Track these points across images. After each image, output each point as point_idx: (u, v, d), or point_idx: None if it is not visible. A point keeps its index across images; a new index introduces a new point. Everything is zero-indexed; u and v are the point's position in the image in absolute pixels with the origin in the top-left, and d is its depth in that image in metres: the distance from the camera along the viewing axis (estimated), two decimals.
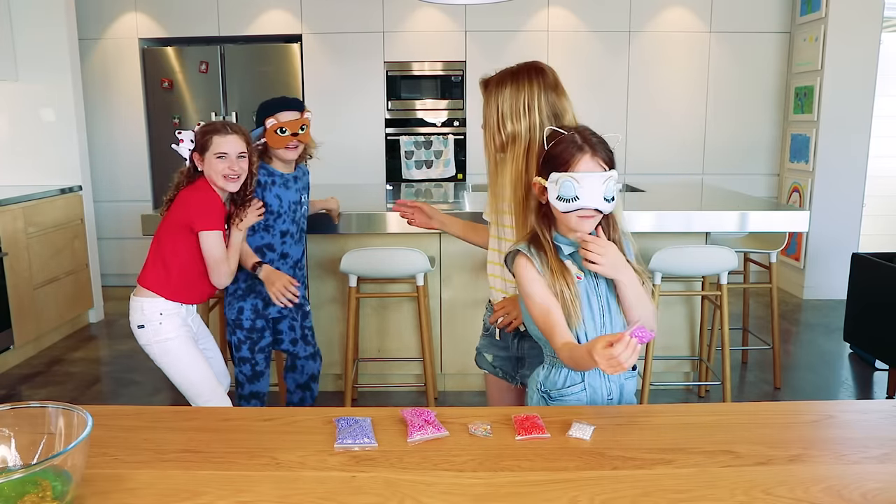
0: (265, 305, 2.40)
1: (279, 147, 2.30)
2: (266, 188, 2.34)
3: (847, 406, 1.51)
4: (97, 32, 5.16)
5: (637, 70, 5.21)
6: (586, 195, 1.38)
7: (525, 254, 1.45)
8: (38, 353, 3.94)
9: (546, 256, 1.43)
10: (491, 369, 1.89)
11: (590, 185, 1.38)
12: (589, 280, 1.47)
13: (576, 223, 1.42)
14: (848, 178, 4.81)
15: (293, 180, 2.42)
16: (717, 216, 2.95)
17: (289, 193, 2.40)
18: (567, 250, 1.46)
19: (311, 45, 5.18)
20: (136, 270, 2.23)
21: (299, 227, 2.48)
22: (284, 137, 2.29)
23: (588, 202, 1.38)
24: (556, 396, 1.49)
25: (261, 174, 2.31)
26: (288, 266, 2.44)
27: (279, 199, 2.37)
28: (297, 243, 2.47)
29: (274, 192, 2.36)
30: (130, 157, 5.30)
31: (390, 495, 1.03)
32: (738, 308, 4.01)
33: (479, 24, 5.14)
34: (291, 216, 2.41)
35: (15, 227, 3.71)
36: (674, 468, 1.11)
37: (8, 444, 1.03)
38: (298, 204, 2.45)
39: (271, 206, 2.35)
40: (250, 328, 2.40)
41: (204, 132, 2.15)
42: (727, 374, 2.93)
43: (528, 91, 1.66)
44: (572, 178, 1.38)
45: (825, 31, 4.67)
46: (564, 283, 1.41)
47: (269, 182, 2.35)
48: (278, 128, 2.27)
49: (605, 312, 1.47)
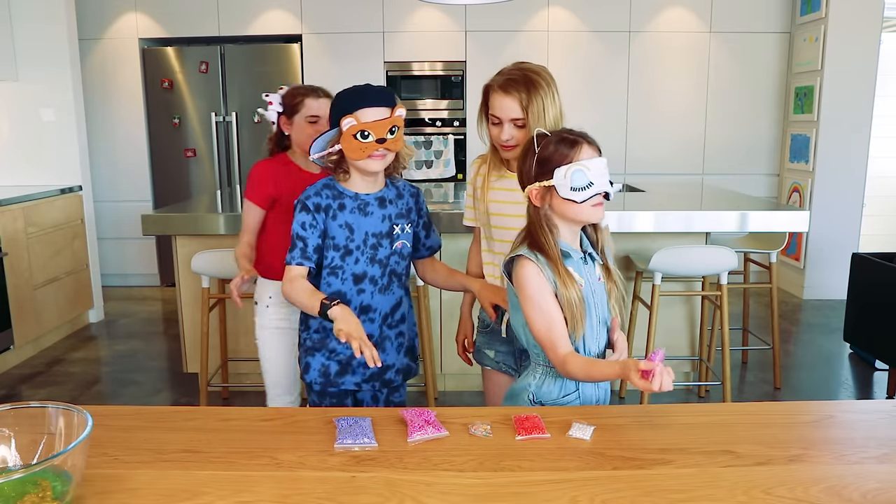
0: (340, 371, 1.77)
1: (359, 158, 1.66)
2: (330, 213, 1.71)
3: (847, 406, 1.51)
4: (97, 32, 5.16)
5: (637, 70, 5.21)
6: (599, 179, 1.40)
7: (532, 260, 1.41)
8: (38, 353, 3.94)
9: (554, 264, 1.41)
10: (494, 365, 1.88)
11: (598, 170, 1.41)
12: (587, 287, 1.46)
13: (589, 213, 1.42)
14: (848, 178, 4.80)
15: (377, 203, 1.74)
16: (717, 216, 2.95)
17: (367, 222, 1.73)
18: (576, 255, 1.44)
19: (311, 45, 5.18)
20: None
21: (388, 269, 1.77)
22: (367, 144, 1.64)
23: (603, 185, 1.40)
24: (551, 405, 1.47)
25: (323, 195, 1.72)
26: (375, 326, 1.77)
27: (348, 229, 1.71)
28: (384, 292, 1.78)
29: (341, 220, 1.71)
30: (130, 157, 5.30)
31: (390, 495, 1.03)
32: (738, 308, 4.01)
33: (479, 24, 5.14)
34: (370, 254, 1.73)
35: (15, 227, 3.71)
36: (674, 468, 1.11)
37: (8, 444, 1.03)
38: (386, 237, 1.75)
39: (333, 236, 1.72)
40: (320, 392, 1.80)
41: (294, 94, 2.06)
42: (727, 374, 2.93)
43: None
44: (583, 166, 1.39)
45: (825, 31, 4.67)
46: (569, 288, 1.40)
47: (333, 206, 1.71)
48: (358, 131, 1.63)
49: (602, 320, 1.49)
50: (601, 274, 1.50)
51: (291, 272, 1.70)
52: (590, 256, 1.49)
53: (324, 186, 1.73)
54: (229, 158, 5.26)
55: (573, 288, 1.40)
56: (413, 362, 1.88)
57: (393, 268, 1.78)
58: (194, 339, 3.17)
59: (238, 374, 3.34)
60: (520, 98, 1.69)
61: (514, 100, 1.69)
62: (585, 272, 1.46)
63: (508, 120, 1.72)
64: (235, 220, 3.03)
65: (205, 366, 2.96)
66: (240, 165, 5.26)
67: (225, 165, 5.27)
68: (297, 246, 1.70)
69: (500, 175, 1.83)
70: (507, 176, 1.82)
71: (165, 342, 4.14)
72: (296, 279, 1.69)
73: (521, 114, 1.70)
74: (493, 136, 1.78)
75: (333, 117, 1.69)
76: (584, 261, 1.47)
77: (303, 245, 1.70)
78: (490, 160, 1.85)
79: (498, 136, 1.75)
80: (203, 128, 5.24)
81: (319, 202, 1.71)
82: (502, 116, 1.72)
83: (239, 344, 3.26)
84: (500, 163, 1.83)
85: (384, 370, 1.79)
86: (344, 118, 1.64)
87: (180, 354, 3.31)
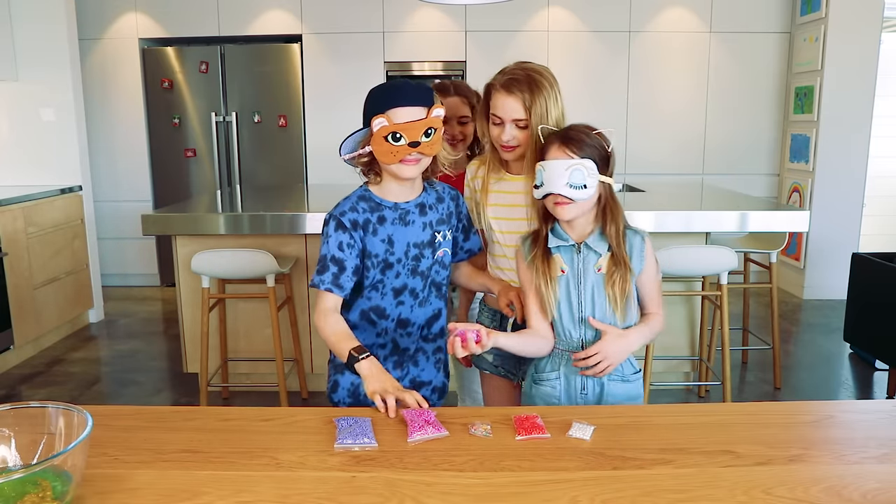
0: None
1: (390, 162, 1.52)
2: (369, 229, 1.57)
3: (847, 406, 1.51)
4: (97, 32, 5.16)
5: (637, 70, 5.21)
6: (549, 181, 1.48)
7: (519, 241, 1.63)
8: (38, 353, 3.94)
9: (536, 247, 1.56)
10: (492, 369, 1.87)
11: (553, 172, 1.48)
12: (572, 276, 1.54)
13: (552, 209, 1.52)
14: (848, 178, 4.80)
15: (417, 211, 1.62)
16: (717, 216, 2.95)
17: (408, 232, 1.60)
18: (553, 242, 1.56)
19: (311, 45, 5.18)
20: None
21: (428, 281, 1.65)
22: (399, 148, 1.50)
23: (550, 187, 1.48)
24: (536, 380, 1.62)
25: (360, 208, 1.58)
26: (412, 340, 1.67)
27: (389, 242, 1.58)
28: (422, 304, 1.66)
29: (382, 234, 1.58)
30: (130, 157, 5.30)
31: (390, 495, 1.03)
32: (738, 308, 4.01)
33: (479, 24, 5.14)
34: (411, 266, 1.61)
35: (15, 227, 3.71)
36: (674, 468, 1.11)
37: (8, 444, 1.03)
38: (428, 247, 1.63)
39: (375, 254, 1.58)
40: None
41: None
42: (727, 374, 2.93)
43: None
44: (541, 165, 1.52)
45: (825, 31, 4.67)
46: (541, 277, 1.54)
47: (373, 221, 1.58)
48: (390, 133, 1.49)
49: (584, 307, 1.54)
50: (603, 266, 1.53)
51: (326, 302, 1.55)
52: (586, 247, 1.53)
53: (359, 199, 1.60)
54: (229, 158, 5.26)
55: (542, 274, 1.54)
56: (447, 379, 1.79)
57: (433, 278, 1.66)
58: (194, 339, 3.17)
59: (238, 374, 3.34)
60: (523, 98, 1.66)
61: (517, 100, 1.66)
62: (577, 261, 1.54)
63: (510, 120, 1.68)
64: (235, 220, 3.03)
65: (205, 366, 2.96)
66: (240, 165, 5.26)
67: (225, 165, 5.27)
68: (329, 269, 1.55)
69: (500, 177, 1.79)
70: (507, 178, 1.79)
71: (165, 342, 4.14)
72: (330, 313, 1.55)
73: (523, 114, 1.66)
74: (494, 137, 1.74)
75: (365, 115, 1.55)
76: (578, 251, 1.54)
77: (337, 269, 1.55)
78: (489, 162, 1.81)
79: (499, 137, 1.71)
80: (203, 128, 5.24)
81: (356, 218, 1.56)
82: (504, 117, 1.68)
83: (239, 344, 3.26)
84: (499, 164, 1.79)
85: (418, 386, 1.67)
86: (375, 118, 1.50)
87: (180, 354, 3.31)
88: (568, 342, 1.56)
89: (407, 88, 1.52)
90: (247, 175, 5.27)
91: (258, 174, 5.27)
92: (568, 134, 1.51)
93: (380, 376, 1.41)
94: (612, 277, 1.51)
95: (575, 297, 1.54)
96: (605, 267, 1.52)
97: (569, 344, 1.56)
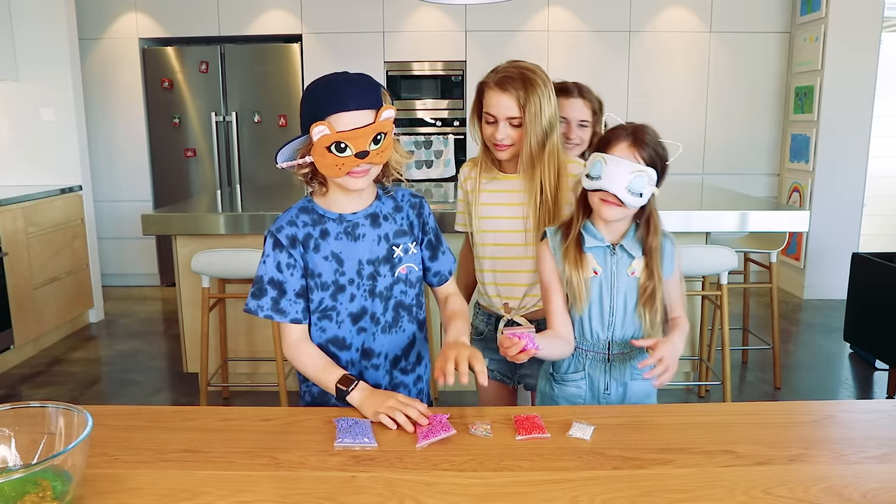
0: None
1: (336, 175, 1.32)
2: (310, 245, 1.38)
3: (847, 406, 1.50)
4: (97, 32, 5.15)
5: (637, 70, 5.21)
6: (609, 177, 1.40)
7: (548, 234, 1.54)
8: (38, 353, 3.94)
9: (567, 241, 1.49)
10: (488, 373, 1.87)
11: (616, 169, 1.40)
12: (605, 278, 1.49)
13: (597, 205, 1.45)
14: (848, 178, 4.80)
15: (368, 222, 1.41)
16: (717, 216, 2.95)
17: (358, 247, 1.39)
18: (590, 242, 1.48)
19: (311, 45, 5.18)
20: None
21: (391, 303, 1.43)
22: (344, 159, 1.29)
23: (608, 185, 1.40)
24: (559, 380, 1.57)
25: (300, 222, 1.39)
26: (381, 373, 1.45)
27: (337, 260, 1.38)
28: (390, 331, 1.44)
29: (325, 251, 1.38)
30: (130, 157, 5.30)
31: (390, 495, 1.03)
32: (738, 308, 4.01)
33: (479, 24, 5.14)
34: (368, 286, 1.40)
35: (15, 227, 3.71)
36: (674, 468, 1.11)
37: (8, 444, 1.03)
38: (384, 263, 1.41)
39: (318, 273, 1.38)
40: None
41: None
42: (727, 374, 2.93)
43: None
44: (603, 157, 1.42)
45: (825, 31, 4.67)
46: (574, 270, 1.46)
47: (314, 235, 1.38)
48: (333, 143, 1.28)
49: (615, 312, 1.50)
50: (637, 270, 1.49)
51: (292, 334, 1.39)
52: (621, 249, 1.49)
53: (300, 211, 1.40)
54: (229, 158, 5.26)
55: (575, 268, 1.46)
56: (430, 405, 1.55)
57: (399, 299, 1.43)
58: (194, 339, 3.17)
59: (238, 374, 3.34)
60: (517, 96, 1.63)
61: (511, 98, 1.63)
62: (610, 263, 1.49)
63: (504, 118, 1.65)
64: (235, 220, 3.03)
65: (205, 366, 2.96)
66: (240, 165, 5.26)
67: (225, 165, 5.27)
68: (266, 293, 1.36)
69: (492, 177, 1.77)
70: (500, 178, 1.76)
71: (165, 342, 4.14)
72: (300, 344, 1.39)
73: (517, 112, 1.64)
74: (487, 136, 1.70)
75: (303, 119, 1.33)
76: (612, 252, 1.49)
77: (276, 293, 1.36)
78: (481, 162, 1.78)
79: (492, 136, 1.68)
80: (203, 127, 5.24)
81: (295, 233, 1.37)
82: (498, 115, 1.66)
83: (239, 344, 3.26)
84: (491, 164, 1.76)
85: None
86: (315, 125, 1.27)
87: (180, 354, 3.31)
88: (594, 343, 1.52)
89: (350, 89, 1.30)
90: (247, 175, 5.27)
91: (258, 174, 5.26)
92: (642, 137, 1.42)
93: (374, 399, 1.29)
94: (645, 292, 1.47)
95: (607, 299, 1.49)
96: (639, 272, 1.49)
97: (595, 345, 1.53)
